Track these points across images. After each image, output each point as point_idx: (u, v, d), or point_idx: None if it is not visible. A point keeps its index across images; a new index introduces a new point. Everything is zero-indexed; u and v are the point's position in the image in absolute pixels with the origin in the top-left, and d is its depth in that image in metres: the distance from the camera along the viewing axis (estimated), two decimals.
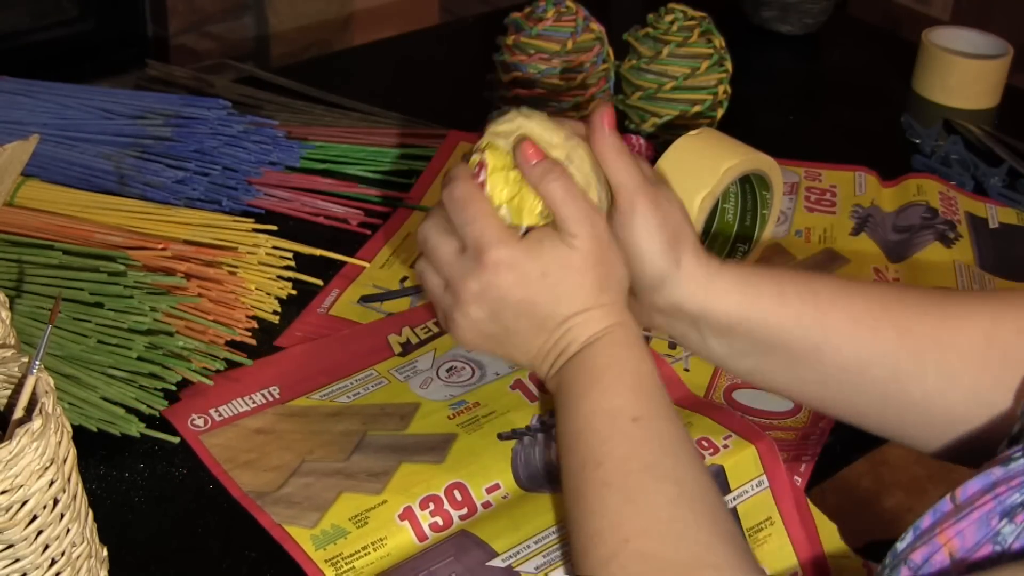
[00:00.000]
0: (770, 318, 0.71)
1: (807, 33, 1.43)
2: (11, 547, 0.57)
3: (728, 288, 0.71)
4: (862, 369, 0.70)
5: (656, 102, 1.14)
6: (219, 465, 0.76)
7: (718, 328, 0.72)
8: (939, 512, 0.57)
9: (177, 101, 1.10)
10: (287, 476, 0.75)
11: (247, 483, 0.75)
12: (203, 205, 1.00)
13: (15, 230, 0.92)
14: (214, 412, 0.81)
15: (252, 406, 0.81)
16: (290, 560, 0.71)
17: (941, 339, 0.69)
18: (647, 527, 0.61)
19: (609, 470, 0.63)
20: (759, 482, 0.77)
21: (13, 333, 0.67)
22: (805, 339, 0.71)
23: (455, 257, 0.70)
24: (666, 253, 0.70)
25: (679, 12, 1.14)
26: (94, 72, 1.93)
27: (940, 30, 1.32)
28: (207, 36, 2.24)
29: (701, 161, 0.90)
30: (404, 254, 0.99)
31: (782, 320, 0.71)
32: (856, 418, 0.73)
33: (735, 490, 0.76)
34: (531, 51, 1.10)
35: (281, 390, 0.83)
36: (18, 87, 1.11)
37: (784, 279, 0.72)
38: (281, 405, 0.82)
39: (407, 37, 1.46)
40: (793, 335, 0.71)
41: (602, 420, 0.65)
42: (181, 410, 0.80)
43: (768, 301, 0.71)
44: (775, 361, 0.72)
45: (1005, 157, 1.17)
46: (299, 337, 0.89)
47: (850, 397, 0.72)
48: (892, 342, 0.69)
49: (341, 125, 1.15)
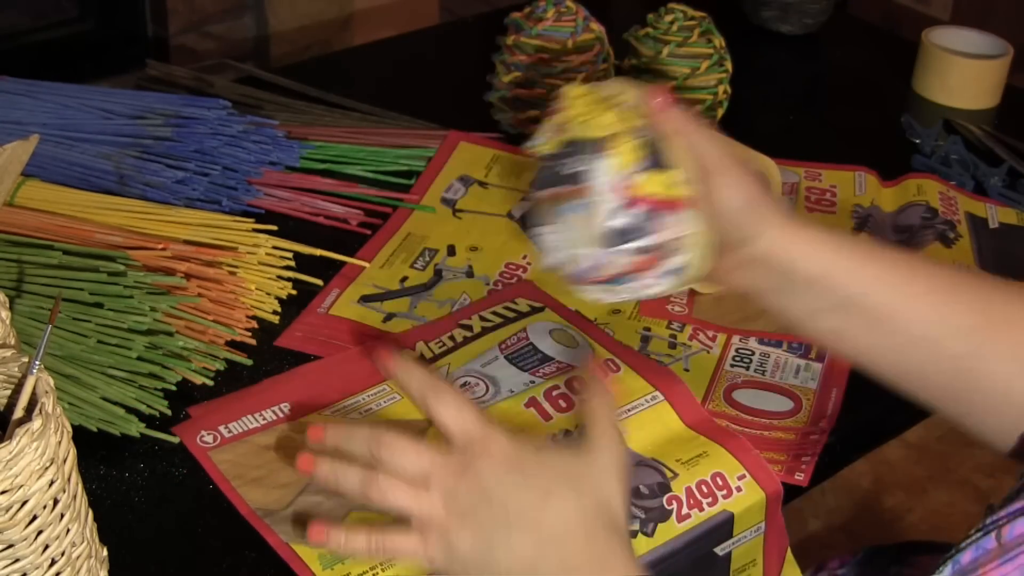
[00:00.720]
0: (854, 274, 0.71)
1: (807, 33, 1.43)
2: (11, 547, 0.57)
3: (814, 241, 0.71)
4: (938, 340, 0.70)
5: None
6: (228, 482, 0.76)
7: (804, 280, 0.71)
8: (982, 549, 0.56)
9: (177, 101, 1.10)
10: (296, 494, 0.74)
11: (255, 500, 0.74)
12: (203, 205, 1.00)
13: (15, 230, 0.92)
14: (223, 428, 0.80)
15: (262, 423, 0.80)
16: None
17: (1021, 324, 0.68)
18: None
19: None
20: (758, 528, 0.78)
21: (13, 333, 0.67)
22: (885, 303, 0.70)
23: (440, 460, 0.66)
24: (754, 208, 0.70)
25: (679, 12, 1.14)
26: (94, 72, 1.93)
27: (940, 30, 1.32)
28: (207, 36, 2.24)
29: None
30: (404, 254, 0.99)
31: (865, 279, 0.71)
32: (929, 396, 0.73)
33: (735, 536, 0.76)
34: (531, 51, 1.10)
35: (292, 407, 0.82)
36: (18, 87, 1.12)
37: (868, 243, 0.73)
38: (292, 422, 0.81)
39: (407, 37, 1.46)
40: (874, 297, 0.71)
41: None
42: (191, 427, 0.80)
43: (852, 259, 0.71)
44: (854, 323, 0.72)
45: (1005, 157, 1.17)
46: (299, 337, 0.89)
47: (924, 369, 0.71)
48: (970, 317, 0.69)
49: (341, 125, 1.15)
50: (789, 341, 0.90)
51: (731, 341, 0.91)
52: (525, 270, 0.98)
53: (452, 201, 1.06)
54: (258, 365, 0.86)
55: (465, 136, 1.14)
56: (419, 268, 0.98)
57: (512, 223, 1.04)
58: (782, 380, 0.87)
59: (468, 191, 1.08)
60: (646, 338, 0.90)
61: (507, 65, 1.12)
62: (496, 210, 1.06)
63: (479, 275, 0.97)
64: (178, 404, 0.81)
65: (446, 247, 1.00)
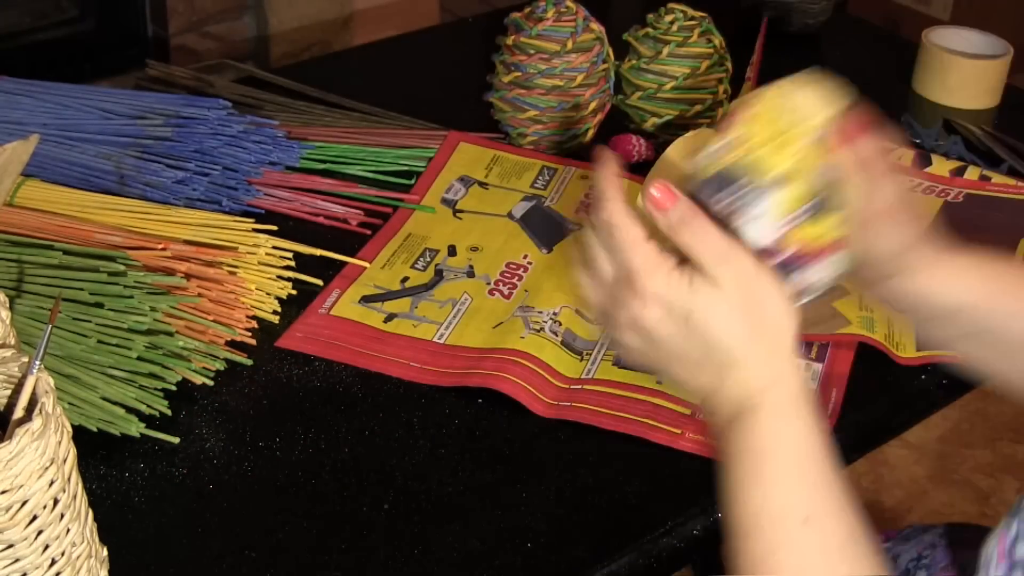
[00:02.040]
0: (993, 304, 0.72)
1: (807, 33, 1.43)
2: (11, 547, 0.57)
3: (957, 273, 0.72)
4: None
5: (656, 102, 1.14)
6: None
7: (943, 312, 0.73)
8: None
9: (177, 101, 1.10)
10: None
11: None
12: (203, 205, 1.00)
13: (15, 230, 0.92)
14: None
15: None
16: (290, 561, 0.71)
17: None
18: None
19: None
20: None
21: (13, 333, 0.67)
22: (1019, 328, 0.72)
23: (610, 280, 0.64)
24: (909, 252, 0.71)
25: (679, 12, 1.14)
26: (94, 72, 1.93)
27: (940, 30, 1.32)
28: (207, 36, 2.24)
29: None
30: (405, 254, 0.99)
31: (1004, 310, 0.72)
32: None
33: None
34: (531, 51, 1.10)
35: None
36: (18, 87, 1.12)
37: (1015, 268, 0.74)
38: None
39: (407, 37, 1.46)
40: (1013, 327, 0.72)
41: (770, 523, 0.61)
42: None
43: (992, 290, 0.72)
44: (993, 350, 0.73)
45: (1005, 157, 1.17)
46: (300, 338, 0.89)
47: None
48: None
49: (341, 125, 1.15)
50: None
51: None
52: (526, 269, 0.98)
53: (452, 201, 1.06)
54: (258, 365, 0.86)
55: (465, 136, 1.14)
56: (420, 268, 0.98)
57: (512, 223, 1.04)
58: None
59: (468, 191, 1.08)
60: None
61: (507, 65, 1.12)
62: (497, 210, 1.06)
63: (480, 275, 0.97)
64: (178, 404, 0.82)
65: (447, 247, 1.00)
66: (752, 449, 0.62)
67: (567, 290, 0.94)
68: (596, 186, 0.64)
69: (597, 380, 0.86)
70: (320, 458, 0.80)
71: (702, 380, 0.64)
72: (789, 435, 0.62)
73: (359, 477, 0.78)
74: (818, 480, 0.62)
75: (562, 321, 0.91)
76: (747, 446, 0.62)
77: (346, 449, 0.80)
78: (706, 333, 0.62)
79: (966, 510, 1.79)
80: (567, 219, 1.05)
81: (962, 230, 0.76)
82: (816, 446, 0.62)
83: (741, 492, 0.62)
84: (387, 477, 0.78)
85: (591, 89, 1.12)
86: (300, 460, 0.79)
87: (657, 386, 0.85)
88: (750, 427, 0.62)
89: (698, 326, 0.62)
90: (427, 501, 0.77)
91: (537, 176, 1.10)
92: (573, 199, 1.07)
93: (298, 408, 0.84)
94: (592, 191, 0.66)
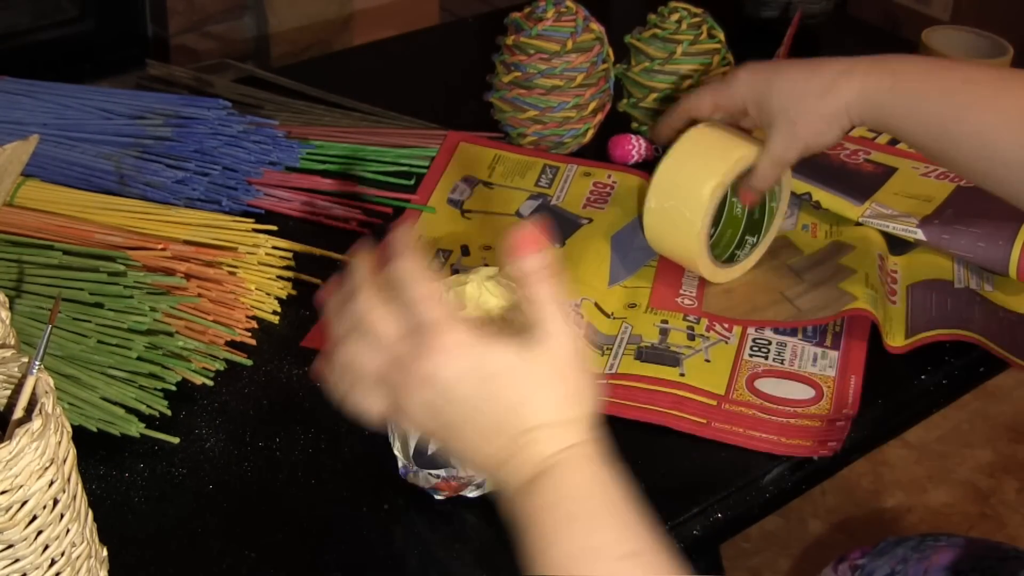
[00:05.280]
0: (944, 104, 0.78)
1: (807, 33, 1.43)
2: (11, 547, 0.57)
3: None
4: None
5: (671, 102, 1.13)
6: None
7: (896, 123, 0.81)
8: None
9: (177, 101, 1.10)
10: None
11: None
12: (203, 205, 1.00)
13: (15, 230, 0.92)
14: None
15: None
16: (289, 560, 0.71)
17: None
18: None
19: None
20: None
21: (13, 333, 0.67)
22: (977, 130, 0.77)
23: (393, 339, 0.60)
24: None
25: (683, 10, 1.13)
26: (94, 72, 1.93)
27: (940, 30, 1.32)
28: (207, 36, 2.24)
29: (710, 152, 0.91)
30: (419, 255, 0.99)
31: (954, 106, 0.78)
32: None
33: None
34: (531, 51, 1.10)
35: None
36: (18, 87, 1.12)
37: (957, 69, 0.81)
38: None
39: (407, 37, 1.46)
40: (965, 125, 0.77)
41: (593, 559, 0.57)
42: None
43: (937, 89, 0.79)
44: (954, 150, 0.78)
45: None
46: (324, 336, 0.88)
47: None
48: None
49: (341, 125, 1.15)
50: (803, 329, 0.91)
51: (747, 331, 0.92)
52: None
53: (459, 202, 1.06)
54: (258, 365, 0.86)
55: (465, 137, 1.14)
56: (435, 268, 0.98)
57: (521, 221, 1.04)
58: (801, 368, 0.88)
59: (474, 192, 1.08)
60: (664, 331, 0.91)
61: (507, 65, 1.12)
62: (504, 209, 1.06)
63: None
64: (178, 404, 0.82)
65: (459, 247, 1.00)
66: (561, 499, 0.58)
67: (585, 281, 0.95)
68: (389, 242, 0.61)
69: (620, 375, 0.87)
70: (320, 458, 0.80)
71: (495, 445, 0.59)
72: (598, 480, 0.59)
73: (359, 477, 0.78)
74: (633, 520, 0.58)
75: (584, 314, 0.91)
76: (554, 498, 0.58)
77: (346, 449, 0.80)
78: (518, 391, 0.59)
79: (966, 510, 1.79)
80: (575, 215, 1.05)
81: (970, 213, 0.86)
82: (625, 491, 0.59)
83: (555, 541, 0.57)
84: (388, 477, 0.78)
85: (591, 89, 1.11)
86: (300, 460, 0.79)
87: (680, 378, 0.86)
88: (553, 482, 0.58)
89: (504, 384, 0.58)
90: (429, 500, 0.77)
91: (540, 175, 1.10)
92: (579, 196, 1.07)
93: (298, 408, 0.84)
94: (392, 246, 0.62)
